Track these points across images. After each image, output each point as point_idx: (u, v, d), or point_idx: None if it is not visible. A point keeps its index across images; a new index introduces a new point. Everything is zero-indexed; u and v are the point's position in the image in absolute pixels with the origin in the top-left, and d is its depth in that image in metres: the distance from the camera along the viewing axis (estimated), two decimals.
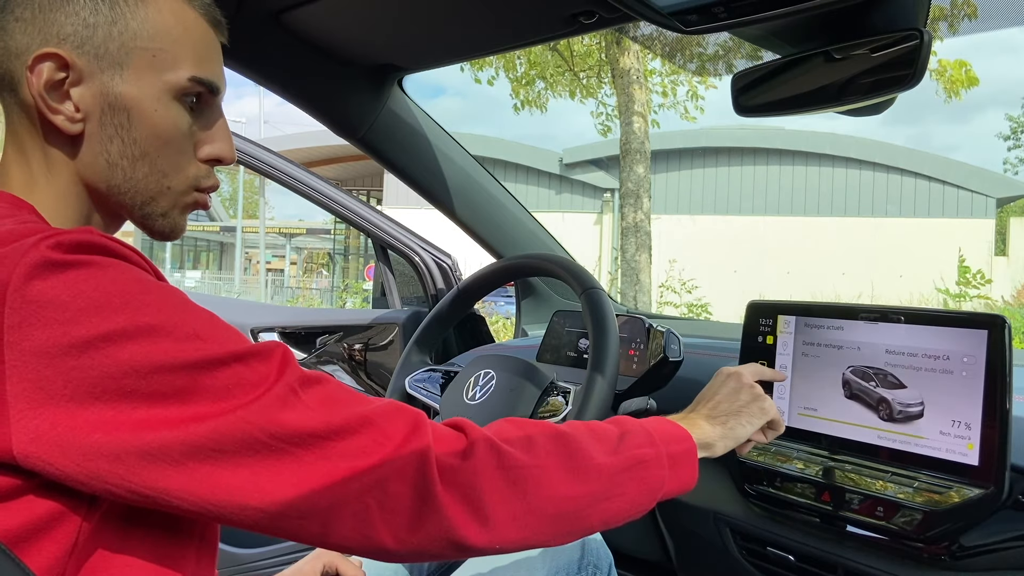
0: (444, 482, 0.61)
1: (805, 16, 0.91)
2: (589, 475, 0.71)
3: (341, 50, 1.34)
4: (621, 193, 7.85)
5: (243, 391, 0.55)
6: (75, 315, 0.51)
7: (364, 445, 0.58)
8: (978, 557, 0.86)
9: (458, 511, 0.62)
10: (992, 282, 7.44)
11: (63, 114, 0.63)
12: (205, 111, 0.70)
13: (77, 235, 0.54)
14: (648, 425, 0.81)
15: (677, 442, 0.81)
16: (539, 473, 0.68)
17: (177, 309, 0.56)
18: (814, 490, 0.97)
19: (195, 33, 0.67)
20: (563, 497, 0.69)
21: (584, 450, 0.73)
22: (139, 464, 0.52)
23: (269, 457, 0.55)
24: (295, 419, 0.56)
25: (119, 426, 0.51)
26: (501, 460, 0.66)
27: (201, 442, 0.53)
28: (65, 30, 0.62)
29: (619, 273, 7.92)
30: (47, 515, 0.53)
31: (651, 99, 8.41)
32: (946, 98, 7.66)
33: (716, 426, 0.87)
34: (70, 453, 0.51)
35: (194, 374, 0.54)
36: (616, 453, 0.75)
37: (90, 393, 0.51)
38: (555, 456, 0.70)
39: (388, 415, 0.61)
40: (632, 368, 1.17)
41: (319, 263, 30.94)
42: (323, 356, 1.84)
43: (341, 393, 0.61)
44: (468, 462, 0.64)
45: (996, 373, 0.84)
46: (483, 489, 0.64)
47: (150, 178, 0.67)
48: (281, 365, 0.58)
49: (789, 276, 15.48)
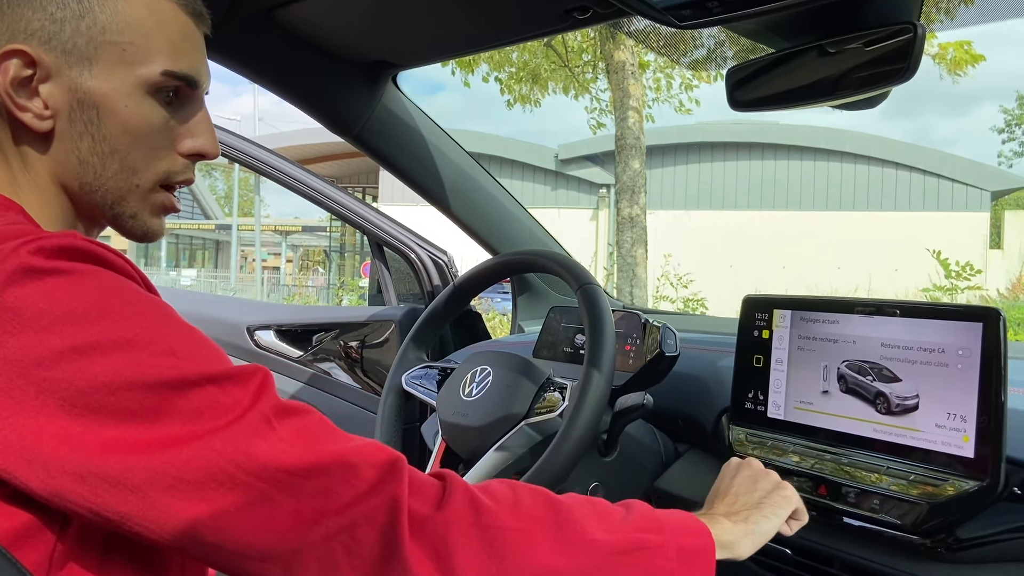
0: (413, 533, 0.58)
1: (799, 10, 0.91)
2: (578, 550, 0.65)
3: (335, 47, 1.33)
4: (617, 188, 7.85)
5: (214, 415, 0.53)
6: (50, 324, 0.50)
7: (334, 486, 0.55)
8: (974, 549, 0.86)
9: (425, 567, 0.57)
10: (982, 272, 7.45)
11: (31, 111, 0.62)
12: (184, 105, 0.68)
13: (60, 240, 0.53)
14: (661, 512, 0.73)
15: (692, 535, 0.72)
16: (520, 537, 0.63)
17: (156, 323, 0.54)
18: (810, 484, 0.97)
19: (170, 25, 0.65)
20: (544, 568, 0.63)
21: (577, 521, 0.67)
22: (101, 486, 0.50)
23: (234, 491, 0.52)
24: (265, 451, 0.53)
25: (85, 443, 0.50)
26: (479, 517, 0.62)
27: (165, 469, 0.51)
28: (32, 26, 0.61)
29: (615, 268, 7.92)
30: (23, 525, 0.51)
31: (646, 94, 8.40)
32: (953, 79, 7.57)
33: (738, 523, 0.78)
34: (35, 467, 0.49)
35: (165, 393, 0.52)
36: (615, 532, 0.68)
37: (59, 406, 0.50)
38: (542, 522, 0.65)
39: (365, 455, 0.58)
40: (628, 364, 1.18)
41: (315, 261, 30.89)
42: (319, 354, 1.84)
43: (319, 427, 0.58)
44: (441, 514, 0.60)
45: (991, 366, 0.85)
46: (455, 545, 0.59)
47: (119, 176, 0.65)
48: (257, 391, 0.56)
49: (785, 270, 15.50)
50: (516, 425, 1.07)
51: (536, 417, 1.07)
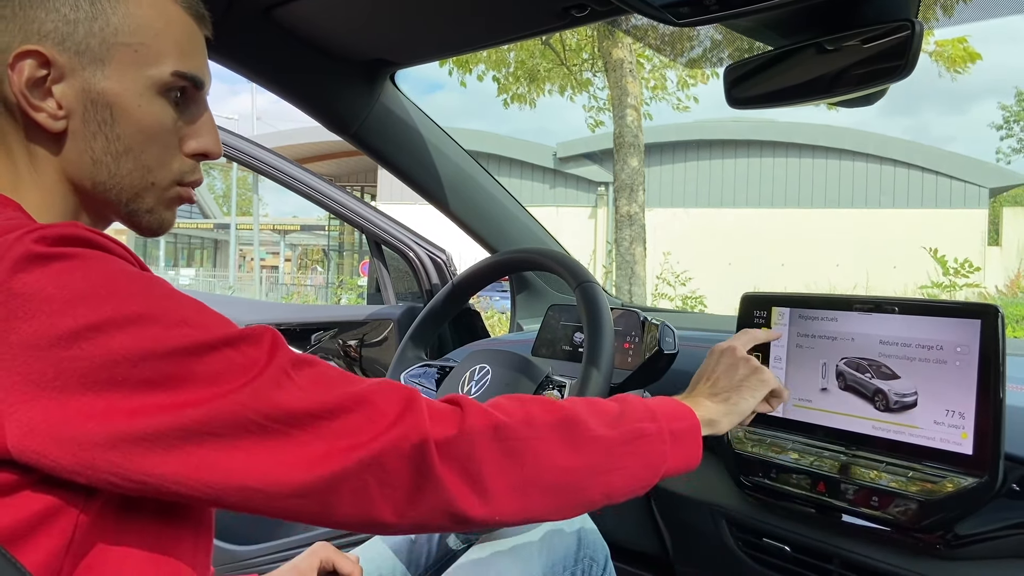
0: (441, 455, 0.62)
1: (796, 8, 0.91)
2: (588, 447, 0.72)
3: (333, 46, 1.33)
4: (615, 186, 7.84)
5: (234, 375, 0.55)
6: (62, 307, 0.51)
7: (359, 423, 0.59)
8: (972, 546, 0.86)
9: (456, 483, 0.62)
10: (981, 269, 7.46)
11: (45, 111, 0.63)
12: (190, 105, 0.69)
13: (61, 229, 0.54)
14: (650, 402, 0.81)
15: (679, 419, 0.81)
16: (537, 444, 0.69)
17: (164, 297, 0.56)
18: (809, 481, 0.98)
19: (177, 27, 0.67)
20: (562, 468, 0.69)
21: (583, 422, 0.73)
22: (134, 451, 0.52)
23: (265, 438, 0.55)
24: (288, 400, 0.56)
25: (112, 415, 0.51)
26: (498, 432, 0.67)
27: (195, 426, 0.53)
28: (45, 27, 0.62)
29: (614, 266, 7.92)
30: (44, 511, 0.53)
31: (643, 91, 8.40)
32: (952, 76, 7.58)
33: (719, 403, 0.87)
34: (65, 444, 0.51)
35: (184, 360, 0.54)
36: (616, 427, 0.75)
37: (81, 383, 0.51)
38: (553, 428, 0.71)
39: (382, 393, 0.62)
40: (627, 361, 1.18)
41: (314, 260, 30.88)
42: (318, 352, 1.84)
43: (333, 373, 0.61)
44: (464, 433, 0.64)
45: (989, 362, 0.85)
46: (481, 460, 0.64)
47: (134, 174, 0.67)
48: (271, 348, 0.58)
49: (783, 268, 15.51)
50: None
51: None
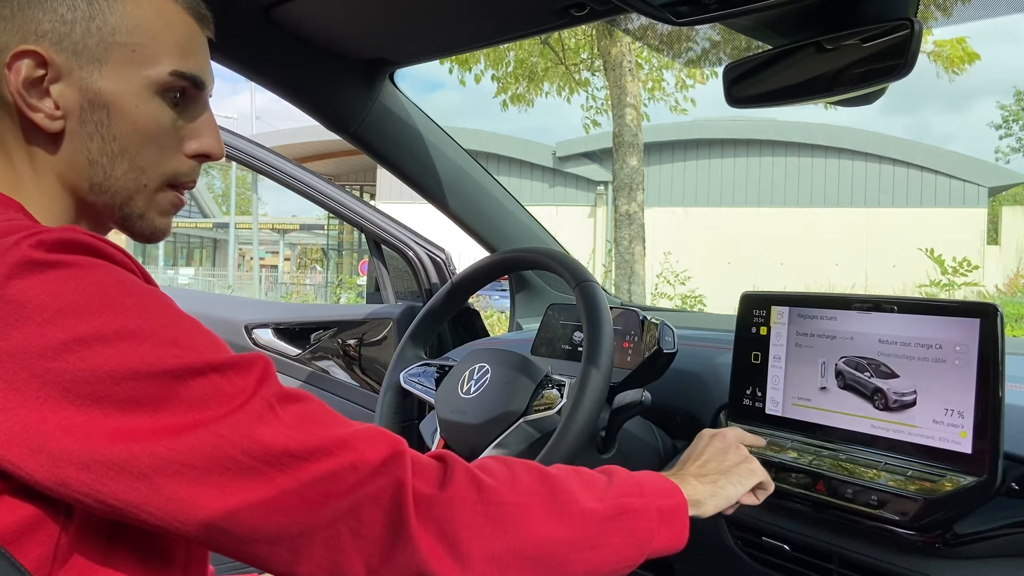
0: (419, 513, 0.59)
1: (795, 7, 0.91)
2: (573, 519, 0.69)
3: (332, 45, 1.33)
4: (614, 186, 7.84)
5: (218, 403, 0.54)
6: (53, 316, 0.50)
7: (340, 469, 0.56)
8: (972, 545, 0.86)
9: (432, 546, 0.59)
10: (979, 268, 7.46)
11: (42, 111, 0.62)
12: (190, 106, 0.69)
13: (60, 233, 0.53)
14: (637, 475, 0.79)
15: (667, 496, 0.78)
16: (520, 511, 0.66)
17: (157, 314, 0.54)
18: (808, 480, 0.97)
19: (177, 27, 0.66)
20: (544, 539, 0.66)
21: (569, 492, 0.70)
22: (107, 474, 0.51)
23: (240, 476, 0.53)
24: (270, 436, 0.54)
25: (90, 433, 0.50)
26: (481, 495, 0.64)
27: (171, 456, 0.51)
28: (43, 27, 0.61)
29: (613, 266, 7.92)
30: (26, 519, 0.52)
31: (641, 93, 8.40)
32: (949, 77, 7.59)
33: (706, 484, 0.84)
34: (39, 458, 0.50)
35: (169, 382, 0.52)
36: (603, 500, 0.72)
37: (63, 397, 0.50)
38: (538, 495, 0.68)
39: (367, 440, 0.59)
40: (627, 360, 1.18)
41: (313, 259, 30.89)
42: (317, 352, 1.84)
43: (320, 412, 0.59)
44: (446, 493, 0.62)
45: (988, 361, 0.85)
46: (460, 523, 0.61)
47: (128, 175, 0.66)
48: (260, 379, 0.57)
49: (783, 267, 15.51)
50: (514, 423, 1.07)
51: (534, 414, 1.07)
